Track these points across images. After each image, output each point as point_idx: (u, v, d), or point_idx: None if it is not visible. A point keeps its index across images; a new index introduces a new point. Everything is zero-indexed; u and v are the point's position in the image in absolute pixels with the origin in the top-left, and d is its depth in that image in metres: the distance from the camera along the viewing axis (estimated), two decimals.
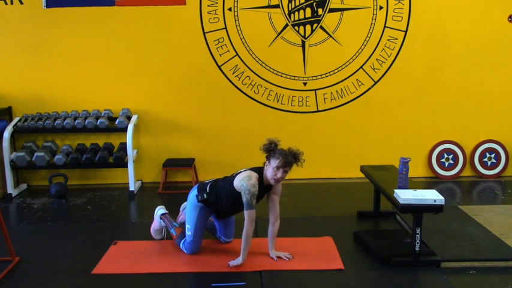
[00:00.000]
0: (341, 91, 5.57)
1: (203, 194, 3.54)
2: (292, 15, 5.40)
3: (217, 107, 5.57)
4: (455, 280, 3.24)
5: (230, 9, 5.36)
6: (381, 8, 5.40)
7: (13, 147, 5.38)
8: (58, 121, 5.26)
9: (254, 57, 5.47)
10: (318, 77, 5.55)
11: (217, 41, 5.43)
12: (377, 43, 5.47)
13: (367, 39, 5.46)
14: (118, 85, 5.48)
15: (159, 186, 5.39)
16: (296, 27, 5.43)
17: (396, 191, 3.48)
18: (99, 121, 5.27)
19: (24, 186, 5.54)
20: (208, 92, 5.53)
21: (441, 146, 5.69)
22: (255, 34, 5.42)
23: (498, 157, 5.71)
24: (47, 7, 5.30)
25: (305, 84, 5.56)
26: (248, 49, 5.45)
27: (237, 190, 3.38)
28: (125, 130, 5.21)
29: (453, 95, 5.61)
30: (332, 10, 5.40)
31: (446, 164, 5.71)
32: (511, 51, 5.55)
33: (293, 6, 5.38)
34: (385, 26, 5.44)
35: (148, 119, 5.55)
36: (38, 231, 4.26)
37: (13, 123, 5.26)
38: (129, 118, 5.38)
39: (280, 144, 3.44)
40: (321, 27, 5.43)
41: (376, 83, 5.57)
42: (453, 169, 5.72)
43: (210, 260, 3.54)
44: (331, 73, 5.53)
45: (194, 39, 5.41)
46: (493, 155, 5.71)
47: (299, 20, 5.41)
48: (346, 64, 5.52)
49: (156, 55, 5.44)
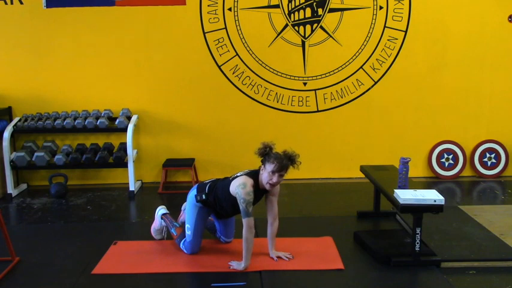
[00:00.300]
0: (341, 91, 5.57)
1: (202, 195, 3.54)
2: (292, 15, 5.40)
3: (217, 107, 5.57)
4: (455, 280, 3.24)
5: (230, 9, 5.36)
6: (381, 8, 5.40)
7: (13, 147, 5.38)
8: (58, 121, 5.26)
9: (254, 57, 5.47)
10: (318, 77, 5.55)
11: (217, 41, 5.43)
12: (377, 43, 5.47)
13: (367, 39, 5.46)
14: (118, 85, 5.48)
15: (159, 186, 5.39)
16: (296, 27, 5.43)
17: (396, 191, 3.48)
18: (99, 121, 5.27)
19: (24, 186, 5.54)
20: (208, 92, 5.53)
21: (441, 146, 5.69)
22: (255, 34, 5.42)
23: (498, 157, 5.71)
24: (47, 7, 5.30)
25: (305, 84, 5.56)
26: (248, 49, 5.45)
27: (234, 196, 3.39)
28: (125, 130, 5.21)
29: (453, 95, 5.61)
30: (332, 10, 5.40)
31: (446, 164, 5.71)
32: (511, 51, 5.56)
33: (293, 6, 5.38)
34: (385, 26, 5.44)
35: (148, 119, 5.56)
36: (38, 231, 4.26)
37: (13, 123, 5.26)
38: (129, 118, 5.38)
39: (275, 147, 3.43)
40: (321, 27, 5.43)
41: (376, 83, 5.57)
42: (453, 169, 5.72)
43: (210, 260, 3.54)
44: (331, 73, 5.53)
45: (194, 39, 5.41)
46: (493, 155, 5.71)
47: (299, 20, 5.41)
48: (346, 64, 5.52)
49: (156, 55, 5.44)
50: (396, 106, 5.61)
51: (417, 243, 3.40)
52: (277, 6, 5.37)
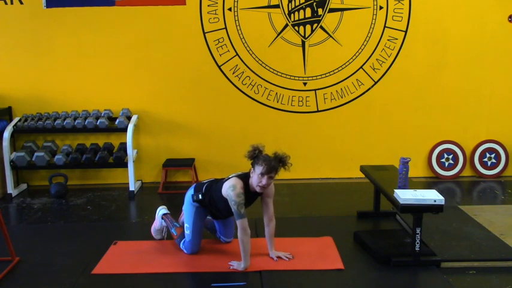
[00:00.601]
0: (341, 91, 5.57)
1: (198, 194, 3.55)
2: (292, 15, 5.40)
3: (217, 107, 5.57)
4: (455, 280, 3.24)
5: (230, 9, 5.36)
6: (381, 8, 5.40)
7: (13, 147, 5.38)
8: (58, 121, 5.26)
9: (254, 57, 5.47)
10: (318, 77, 5.55)
11: (217, 41, 5.43)
12: (377, 43, 5.47)
13: (367, 39, 5.46)
14: (118, 85, 5.48)
15: (159, 186, 5.39)
16: (296, 27, 5.43)
17: (396, 191, 3.48)
18: (99, 121, 5.27)
19: (24, 186, 5.54)
20: (208, 92, 5.53)
21: (441, 146, 5.69)
22: (255, 34, 5.42)
23: (498, 157, 5.71)
24: (47, 7, 5.30)
25: (305, 84, 5.56)
26: (248, 49, 5.45)
27: (226, 197, 3.39)
28: (125, 130, 5.21)
29: (453, 95, 5.61)
30: (332, 10, 5.40)
31: (446, 164, 5.71)
32: (511, 51, 5.56)
33: (293, 6, 5.38)
34: (385, 26, 5.44)
35: (148, 119, 5.56)
36: (38, 231, 4.26)
37: (13, 123, 5.26)
38: (129, 118, 5.38)
39: (264, 149, 3.41)
40: (321, 27, 5.43)
41: (376, 83, 5.57)
42: (453, 169, 5.72)
43: (210, 260, 3.54)
44: (331, 73, 5.53)
45: (194, 39, 5.41)
46: (493, 155, 5.71)
47: (299, 20, 5.41)
48: (346, 64, 5.52)
49: (156, 55, 5.44)
50: (396, 106, 5.61)
51: (417, 243, 3.39)
52: (277, 6, 5.37)
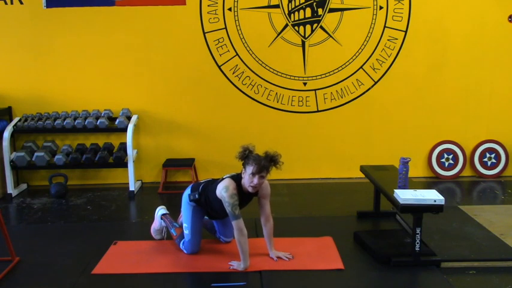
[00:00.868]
0: (341, 91, 5.57)
1: (195, 194, 3.55)
2: (292, 15, 5.40)
3: (217, 107, 5.57)
4: (455, 280, 3.24)
5: (230, 9, 5.36)
6: (381, 8, 5.40)
7: (13, 147, 5.38)
8: (58, 121, 5.26)
9: (254, 57, 5.47)
10: (318, 77, 5.55)
11: (217, 41, 5.43)
12: (377, 43, 5.47)
13: (367, 39, 5.46)
14: (118, 85, 5.48)
15: (159, 186, 5.39)
16: (296, 27, 5.42)
17: (396, 191, 3.48)
18: (99, 121, 5.27)
19: (24, 186, 5.54)
20: (208, 92, 5.53)
21: (441, 146, 5.69)
22: (255, 34, 5.42)
23: (498, 157, 5.71)
24: (47, 7, 5.30)
25: (305, 84, 5.56)
26: (248, 49, 5.45)
27: (220, 199, 3.39)
28: (125, 130, 5.21)
29: (453, 95, 5.61)
30: (332, 10, 5.39)
31: (446, 164, 5.71)
32: (511, 51, 5.56)
33: (293, 6, 5.38)
34: (385, 26, 5.44)
35: (148, 119, 5.55)
36: (38, 231, 4.26)
37: (13, 123, 5.26)
38: (129, 118, 5.38)
39: (255, 149, 3.42)
40: (321, 27, 5.43)
41: (376, 83, 5.56)
42: (453, 169, 5.72)
43: (210, 260, 3.54)
44: (331, 73, 5.53)
45: (194, 39, 5.41)
46: (493, 155, 5.71)
47: (299, 20, 5.41)
48: (346, 64, 5.52)
49: (156, 55, 5.44)
50: (396, 106, 5.61)
51: (417, 243, 3.39)
52: (277, 6, 5.37)
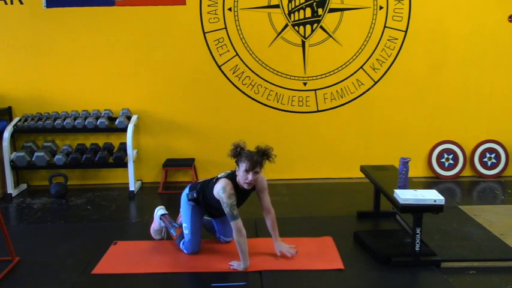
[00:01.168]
0: (341, 91, 5.57)
1: (193, 193, 3.56)
2: (292, 15, 5.40)
3: (217, 107, 5.57)
4: (455, 280, 3.24)
5: (230, 9, 5.36)
6: (381, 8, 5.40)
7: (13, 147, 5.38)
8: (58, 121, 5.26)
9: (254, 57, 5.47)
10: (318, 77, 5.55)
11: (217, 41, 5.43)
12: (377, 43, 5.47)
13: (367, 39, 5.46)
14: (118, 85, 5.48)
15: (159, 186, 5.39)
16: (296, 27, 5.42)
17: (396, 191, 3.48)
18: (99, 121, 5.27)
19: (24, 186, 5.54)
20: (208, 92, 5.53)
21: (441, 146, 5.69)
22: (255, 34, 5.42)
23: (498, 157, 5.71)
24: (47, 7, 5.30)
25: (305, 84, 5.56)
26: (248, 49, 5.45)
27: (217, 199, 3.39)
28: (125, 130, 5.21)
29: (453, 95, 5.61)
30: (332, 10, 5.39)
31: (446, 164, 5.71)
32: (511, 51, 5.56)
33: (293, 6, 5.38)
34: (385, 26, 5.44)
35: (148, 119, 5.56)
36: (38, 231, 4.26)
37: (13, 123, 5.26)
38: (129, 118, 5.38)
39: (246, 146, 3.41)
40: (321, 27, 5.43)
41: (376, 83, 5.56)
42: (453, 169, 5.72)
43: (210, 260, 3.54)
44: (331, 73, 5.53)
45: (194, 39, 5.41)
46: (493, 155, 5.71)
47: (299, 20, 5.41)
48: (346, 64, 5.52)
49: (156, 55, 5.44)
50: (396, 106, 5.61)
51: (417, 243, 3.39)
52: (277, 6, 5.37)
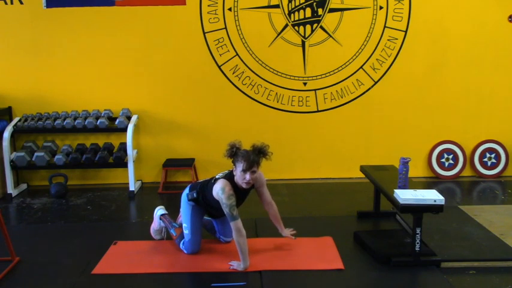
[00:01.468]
0: (341, 91, 5.57)
1: (193, 193, 3.56)
2: (292, 15, 5.40)
3: (217, 107, 5.57)
4: (455, 280, 3.24)
5: (230, 9, 5.36)
6: (381, 8, 5.40)
7: (13, 147, 5.38)
8: (58, 121, 5.26)
9: (254, 57, 5.47)
10: (318, 77, 5.55)
11: (217, 41, 5.42)
12: (377, 43, 5.47)
13: (367, 39, 5.46)
14: (118, 85, 5.48)
15: (159, 186, 5.38)
16: (296, 27, 5.42)
17: (396, 191, 3.48)
18: (99, 121, 5.27)
19: (24, 186, 5.54)
20: (208, 92, 5.53)
21: (441, 146, 5.69)
22: (255, 34, 5.42)
23: (498, 157, 5.71)
24: (47, 7, 5.30)
25: (305, 84, 5.56)
26: (248, 49, 5.45)
27: (217, 199, 3.39)
28: (125, 130, 5.21)
29: (453, 95, 5.61)
30: (332, 10, 5.39)
31: (446, 164, 5.71)
32: (511, 51, 5.55)
33: (293, 6, 5.38)
34: (385, 26, 5.44)
35: (148, 119, 5.55)
36: (38, 231, 4.26)
37: (13, 123, 5.26)
38: (129, 118, 5.38)
39: (242, 145, 3.41)
40: (321, 27, 5.43)
41: (376, 83, 5.56)
42: (453, 169, 5.72)
43: (210, 260, 3.54)
44: (331, 73, 5.53)
45: (194, 39, 5.41)
46: (493, 155, 5.71)
47: (299, 20, 5.41)
48: (346, 64, 5.52)
49: (156, 55, 5.44)
50: (396, 106, 5.61)
51: (417, 243, 3.39)
52: (277, 6, 5.37)
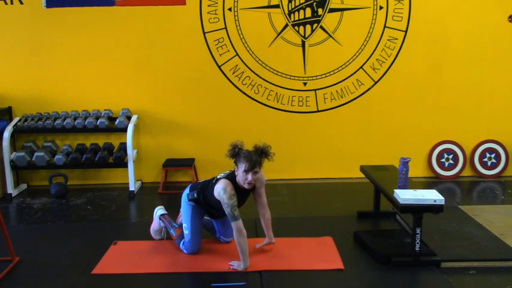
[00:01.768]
0: (341, 91, 5.57)
1: (193, 193, 3.56)
2: (292, 15, 5.40)
3: (217, 107, 5.57)
4: (455, 280, 3.24)
5: (230, 9, 5.36)
6: (381, 8, 5.40)
7: (13, 147, 5.38)
8: (58, 121, 5.26)
9: (254, 57, 5.47)
10: (318, 77, 5.55)
11: (217, 41, 5.43)
12: (377, 43, 5.47)
13: (367, 39, 5.46)
14: (118, 85, 5.48)
15: (159, 186, 5.38)
16: (296, 27, 5.42)
17: (396, 191, 3.48)
18: (99, 121, 5.27)
19: (24, 186, 5.54)
20: (208, 92, 5.53)
21: (441, 146, 5.69)
22: (255, 34, 5.42)
23: (498, 157, 5.71)
24: (47, 7, 5.30)
25: (305, 84, 5.56)
26: (248, 49, 5.45)
27: (218, 199, 3.39)
28: (125, 130, 5.21)
29: (453, 95, 5.61)
30: (332, 10, 5.39)
31: (446, 164, 5.71)
32: (511, 51, 5.56)
33: (293, 6, 5.38)
34: (385, 26, 5.44)
35: (148, 119, 5.55)
36: (38, 231, 4.25)
37: (13, 123, 5.26)
38: (129, 118, 5.38)
39: (244, 146, 3.41)
40: (321, 27, 5.43)
41: (376, 83, 5.56)
42: (453, 169, 5.72)
43: (210, 260, 3.54)
44: (331, 73, 5.53)
45: (194, 39, 5.41)
46: (493, 155, 5.71)
47: (299, 20, 5.41)
48: (346, 64, 5.52)
49: (156, 55, 5.44)
50: (396, 106, 5.61)
51: (417, 243, 3.39)
52: (277, 6, 5.37)
